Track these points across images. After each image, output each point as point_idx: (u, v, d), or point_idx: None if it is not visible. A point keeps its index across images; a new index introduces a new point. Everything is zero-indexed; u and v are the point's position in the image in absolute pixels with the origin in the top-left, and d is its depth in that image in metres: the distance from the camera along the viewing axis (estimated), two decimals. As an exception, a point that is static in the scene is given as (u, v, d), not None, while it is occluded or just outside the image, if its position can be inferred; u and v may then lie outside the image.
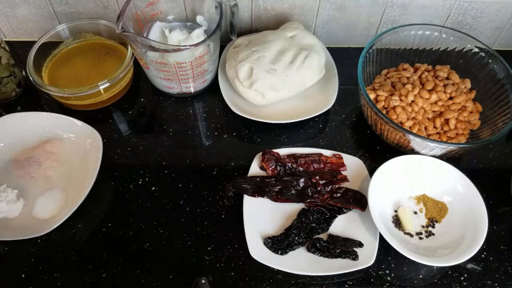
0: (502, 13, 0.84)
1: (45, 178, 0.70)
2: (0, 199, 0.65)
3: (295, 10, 0.85)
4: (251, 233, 0.63)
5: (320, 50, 0.79)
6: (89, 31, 0.83)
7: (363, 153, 0.76)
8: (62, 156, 0.72)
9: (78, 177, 0.69)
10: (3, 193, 0.66)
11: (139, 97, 0.83)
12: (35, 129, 0.73)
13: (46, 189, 0.69)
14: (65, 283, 0.61)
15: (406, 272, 0.63)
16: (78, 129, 0.73)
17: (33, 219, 0.66)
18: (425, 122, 0.71)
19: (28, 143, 0.73)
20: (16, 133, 0.73)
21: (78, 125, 0.72)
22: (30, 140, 0.73)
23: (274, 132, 0.78)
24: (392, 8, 0.84)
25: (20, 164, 0.70)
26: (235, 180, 0.68)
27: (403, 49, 0.80)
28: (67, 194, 0.68)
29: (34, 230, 0.62)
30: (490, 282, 0.63)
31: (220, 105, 0.81)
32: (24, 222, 0.65)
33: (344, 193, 0.68)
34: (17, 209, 0.66)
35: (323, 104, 0.77)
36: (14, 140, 0.73)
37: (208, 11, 0.80)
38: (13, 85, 0.79)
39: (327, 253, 0.62)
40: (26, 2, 0.83)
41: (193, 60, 0.73)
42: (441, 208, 0.68)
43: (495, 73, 0.74)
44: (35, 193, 0.68)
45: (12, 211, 0.66)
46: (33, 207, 0.67)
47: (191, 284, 0.61)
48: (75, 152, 0.72)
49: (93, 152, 0.70)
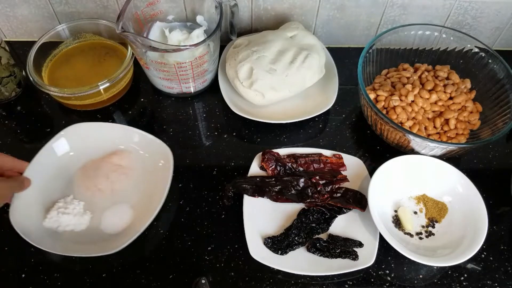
0: (502, 13, 0.84)
1: (112, 191, 0.67)
2: (68, 211, 0.64)
3: (295, 10, 0.85)
4: (251, 233, 0.63)
5: (320, 50, 0.79)
6: (89, 31, 0.83)
7: (363, 153, 0.76)
8: (129, 170, 0.69)
9: (146, 193, 0.67)
10: (70, 205, 0.65)
11: (139, 97, 0.83)
12: (104, 140, 0.71)
13: (113, 203, 0.67)
14: (65, 283, 0.61)
15: (406, 272, 0.63)
16: (147, 143, 0.70)
17: (101, 233, 0.64)
18: (425, 122, 0.71)
19: (96, 154, 0.71)
20: (86, 142, 0.70)
21: (148, 138, 0.70)
22: (98, 150, 0.71)
23: (274, 132, 0.78)
24: (392, 8, 0.84)
25: (88, 174, 0.68)
26: (235, 180, 0.68)
27: (403, 49, 0.80)
28: (134, 211, 0.66)
29: (104, 247, 0.60)
30: (490, 282, 0.63)
31: (220, 105, 0.81)
32: (92, 236, 0.63)
33: (344, 193, 0.68)
34: (85, 222, 0.64)
35: (323, 104, 0.77)
36: (83, 150, 0.70)
37: (208, 11, 0.80)
38: (13, 85, 0.79)
39: (327, 253, 0.62)
40: (26, 2, 0.83)
41: (193, 60, 0.73)
42: (441, 208, 0.68)
43: (495, 73, 0.74)
44: (101, 206, 0.66)
45: (79, 224, 0.64)
46: (101, 221, 0.65)
47: (191, 284, 0.61)
48: (142, 166, 0.70)
49: (162, 169, 0.67)
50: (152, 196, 0.65)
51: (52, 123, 0.79)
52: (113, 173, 0.68)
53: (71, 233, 0.63)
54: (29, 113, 0.80)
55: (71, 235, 0.63)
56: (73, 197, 0.66)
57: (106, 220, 0.65)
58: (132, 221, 0.65)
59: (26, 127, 0.78)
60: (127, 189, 0.68)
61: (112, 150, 0.71)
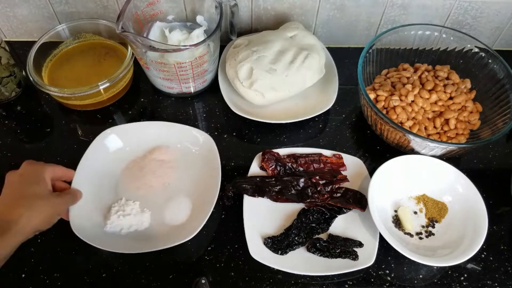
0: (502, 13, 0.84)
1: (163, 186, 0.69)
2: (127, 212, 0.65)
3: (295, 10, 0.85)
4: (251, 233, 0.63)
5: (320, 50, 0.79)
6: (89, 31, 0.83)
7: (363, 153, 0.76)
8: (173, 163, 0.71)
9: (197, 181, 0.69)
10: (127, 206, 0.66)
11: (139, 97, 0.83)
12: (140, 139, 0.72)
13: (167, 196, 0.68)
14: (65, 283, 0.61)
15: (406, 272, 0.63)
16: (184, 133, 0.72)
17: (166, 227, 0.65)
18: (425, 122, 0.71)
19: (135, 154, 0.72)
20: (128, 143, 0.72)
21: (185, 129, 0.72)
22: (136, 150, 0.72)
23: (274, 132, 0.78)
24: (392, 8, 0.84)
25: (134, 175, 0.70)
26: (235, 180, 0.68)
27: (403, 49, 0.80)
28: (191, 199, 0.67)
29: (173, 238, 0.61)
30: (490, 282, 0.63)
31: (220, 105, 0.81)
32: (158, 231, 0.65)
33: (344, 193, 0.68)
34: (146, 220, 0.65)
35: (323, 104, 0.77)
36: (125, 152, 0.72)
37: (208, 11, 0.80)
38: (13, 85, 0.79)
39: (327, 253, 0.62)
40: (26, 2, 0.83)
41: (193, 60, 0.73)
42: (441, 208, 0.68)
43: (495, 73, 0.74)
44: (157, 202, 0.67)
45: (142, 223, 0.65)
46: (163, 215, 0.66)
47: (191, 284, 0.61)
48: (186, 157, 0.72)
49: (206, 155, 0.69)
50: (204, 182, 0.67)
51: (52, 123, 0.79)
52: (159, 169, 0.70)
53: (136, 233, 0.64)
54: (29, 113, 0.80)
55: (137, 235, 0.64)
56: (125, 199, 0.67)
57: (169, 213, 0.66)
58: (192, 209, 0.66)
59: (26, 127, 0.78)
60: (177, 181, 0.70)
61: (149, 147, 0.73)
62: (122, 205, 0.66)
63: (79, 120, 0.80)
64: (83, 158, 0.67)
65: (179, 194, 0.68)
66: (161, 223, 0.66)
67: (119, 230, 0.64)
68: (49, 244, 0.65)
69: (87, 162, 0.67)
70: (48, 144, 0.76)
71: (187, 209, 0.66)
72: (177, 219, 0.66)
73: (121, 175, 0.70)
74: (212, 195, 0.64)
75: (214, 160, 0.68)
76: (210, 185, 0.66)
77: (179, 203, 0.67)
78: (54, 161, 0.63)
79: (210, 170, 0.68)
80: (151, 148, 0.72)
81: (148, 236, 0.64)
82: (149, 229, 0.65)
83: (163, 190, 0.69)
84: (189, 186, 0.69)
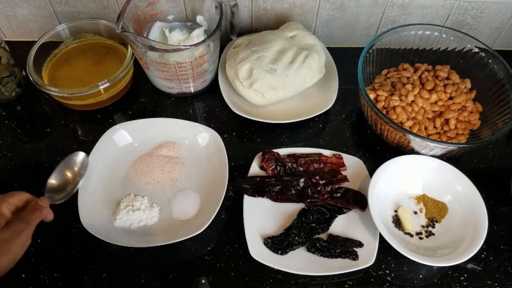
0: (502, 13, 0.84)
1: (172, 181, 0.70)
2: (136, 207, 0.65)
3: (295, 10, 0.85)
4: (251, 233, 0.63)
5: (320, 50, 0.79)
6: (89, 31, 0.83)
7: (363, 153, 0.76)
8: (180, 158, 0.72)
9: (205, 176, 0.70)
10: (135, 202, 0.66)
11: (139, 97, 0.83)
12: (149, 135, 0.73)
13: (176, 191, 0.69)
14: (65, 283, 0.61)
15: (406, 272, 0.63)
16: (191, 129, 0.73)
17: (176, 222, 0.66)
18: (425, 122, 0.71)
19: (143, 150, 0.73)
20: (137, 139, 0.73)
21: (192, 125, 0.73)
22: (145, 146, 0.73)
23: (274, 132, 0.78)
24: (392, 8, 0.84)
25: (142, 171, 0.70)
26: (235, 180, 0.68)
27: (403, 49, 0.80)
28: (199, 194, 0.68)
29: (183, 232, 0.62)
30: (490, 282, 0.63)
31: (220, 105, 0.81)
32: (167, 226, 0.65)
33: (344, 193, 0.68)
34: (155, 215, 0.66)
35: (323, 104, 0.77)
36: (133, 147, 0.73)
37: (208, 11, 0.80)
38: (13, 85, 0.79)
39: (327, 253, 0.62)
40: (26, 2, 0.83)
41: (193, 60, 0.73)
42: (441, 208, 0.68)
43: (495, 73, 0.74)
44: (166, 197, 0.68)
45: (151, 218, 0.65)
46: (172, 209, 0.67)
47: (191, 284, 0.61)
48: (193, 153, 0.73)
49: (212, 150, 0.71)
50: (212, 177, 0.69)
51: (52, 123, 0.79)
52: (166, 165, 0.71)
53: (145, 228, 0.65)
54: (29, 113, 0.80)
55: (146, 229, 0.65)
56: (134, 195, 0.68)
57: (178, 208, 0.67)
58: (201, 202, 0.67)
59: (26, 127, 0.78)
60: (185, 176, 0.71)
61: (157, 143, 0.73)
62: (131, 200, 0.67)
63: (79, 120, 0.80)
64: (92, 153, 0.68)
65: (187, 189, 0.69)
66: (170, 218, 0.66)
67: (129, 225, 0.64)
68: (49, 244, 0.65)
69: (96, 157, 0.68)
70: (48, 144, 0.76)
71: (196, 204, 0.67)
72: (186, 214, 0.66)
73: (129, 171, 0.71)
74: (221, 190, 0.65)
75: (221, 156, 0.69)
76: (218, 180, 0.67)
77: (188, 198, 0.68)
78: (54, 161, 0.63)
79: (218, 165, 0.69)
80: (158, 144, 0.73)
81: (157, 230, 0.65)
82: (159, 223, 0.66)
83: (171, 185, 0.70)
84: (197, 181, 0.70)
